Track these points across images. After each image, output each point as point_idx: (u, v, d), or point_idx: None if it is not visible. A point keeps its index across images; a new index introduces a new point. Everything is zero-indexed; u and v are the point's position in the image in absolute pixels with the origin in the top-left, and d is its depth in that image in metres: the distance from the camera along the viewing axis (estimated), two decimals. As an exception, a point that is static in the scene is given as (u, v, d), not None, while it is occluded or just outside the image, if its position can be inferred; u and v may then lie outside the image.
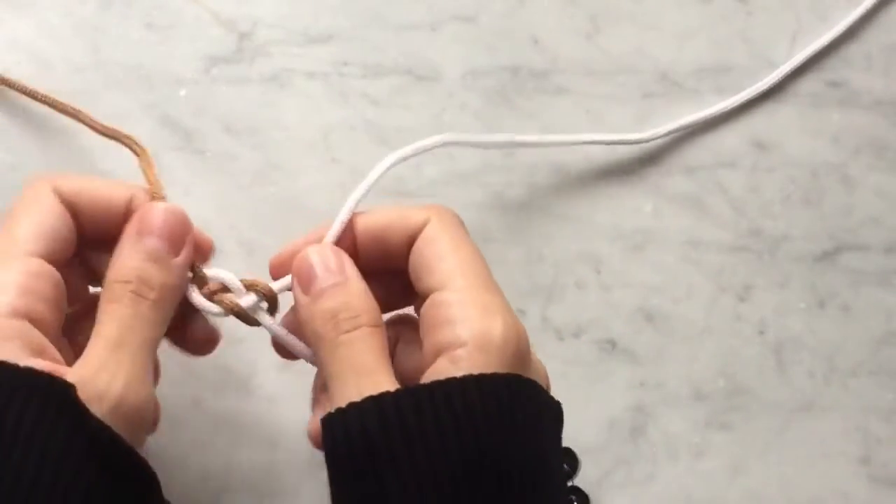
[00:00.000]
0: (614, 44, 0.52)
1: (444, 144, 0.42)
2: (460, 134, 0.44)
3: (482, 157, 0.50)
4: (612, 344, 0.49)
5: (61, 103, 0.45)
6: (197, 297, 0.38)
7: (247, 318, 0.38)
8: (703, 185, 0.51)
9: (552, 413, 0.36)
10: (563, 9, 0.52)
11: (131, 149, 0.41)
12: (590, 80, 0.51)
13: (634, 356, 0.49)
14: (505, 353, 0.34)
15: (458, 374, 0.33)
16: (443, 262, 0.36)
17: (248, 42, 0.50)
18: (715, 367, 0.49)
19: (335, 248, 0.38)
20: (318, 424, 0.35)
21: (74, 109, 0.45)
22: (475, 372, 0.33)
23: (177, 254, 0.37)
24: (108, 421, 0.33)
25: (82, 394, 0.32)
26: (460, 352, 0.34)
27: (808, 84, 0.52)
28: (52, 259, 0.36)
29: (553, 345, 0.49)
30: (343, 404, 0.33)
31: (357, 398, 0.33)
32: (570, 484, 0.46)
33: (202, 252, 0.39)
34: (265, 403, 0.47)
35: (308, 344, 0.37)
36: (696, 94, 0.51)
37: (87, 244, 0.38)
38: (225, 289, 0.38)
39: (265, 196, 0.49)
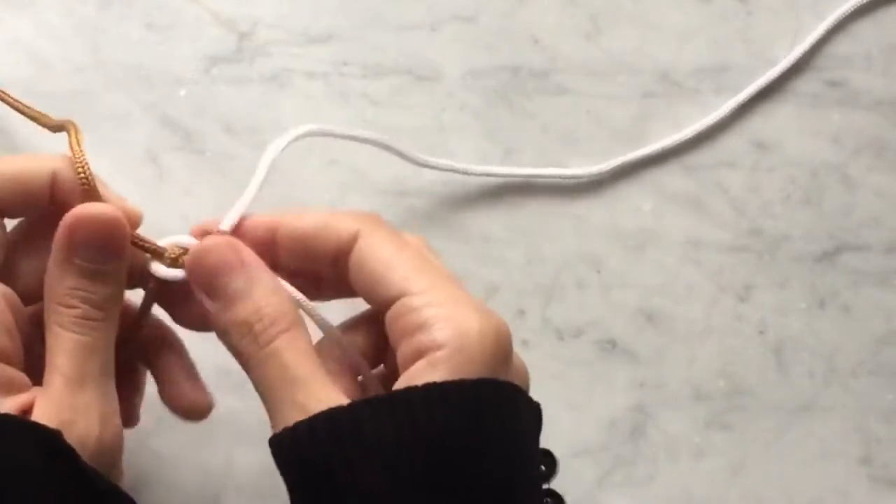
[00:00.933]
0: (614, 44, 0.52)
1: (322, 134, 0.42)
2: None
3: (482, 156, 0.50)
4: (612, 344, 0.49)
5: None
6: (161, 269, 0.37)
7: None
8: (703, 185, 0.51)
9: (530, 415, 0.35)
10: (563, 9, 0.52)
11: (51, 128, 0.38)
12: (590, 80, 0.51)
13: (634, 356, 0.49)
14: (485, 349, 0.33)
15: (436, 377, 0.32)
16: (394, 270, 0.35)
17: (248, 42, 0.50)
18: (715, 367, 0.49)
19: (231, 240, 0.36)
20: None
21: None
22: (454, 374, 0.32)
23: (115, 259, 0.35)
24: (93, 464, 0.32)
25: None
26: (439, 354, 0.32)
27: (808, 84, 0.52)
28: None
29: (553, 345, 0.48)
30: (283, 418, 0.32)
31: (294, 410, 0.32)
32: (546, 486, 0.46)
33: (133, 224, 0.37)
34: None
35: (231, 351, 0.36)
36: (696, 94, 0.51)
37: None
38: (185, 252, 0.37)
39: (265, 196, 0.49)
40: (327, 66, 0.50)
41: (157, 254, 0.37)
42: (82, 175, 0.36)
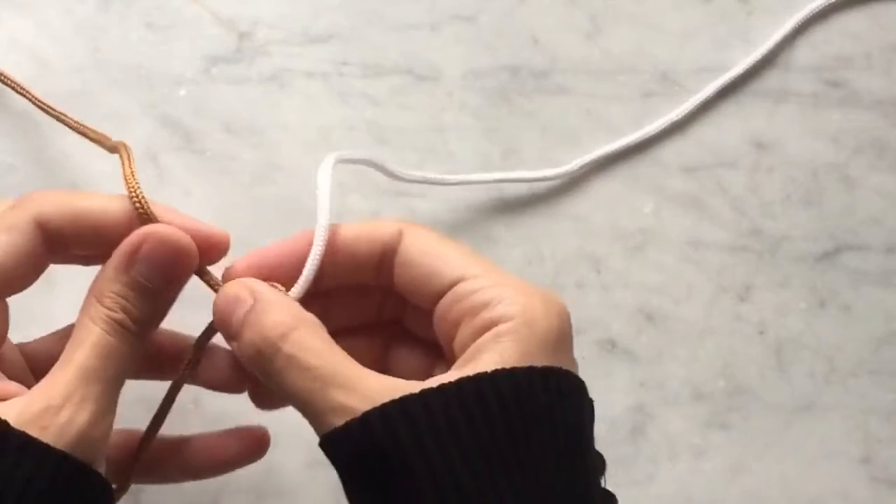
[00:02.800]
0: (614, 44, 0.52)
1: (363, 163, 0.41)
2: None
3: (482, 156, 0.50)
4: (612, 344, 0.49)
5: (47, 105, 0.45)
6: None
7: None
8: (703, 185, 0.51)
9: (589, 408, 0.35)
10: (563, 9, 0.52)
11: (107, 148, 0.39)
12: (590, 80, 0.51)
13: (634, 356, 0.49)
14: (551, 325, 0.33)
15: (504, 347, 0.32)
16: (447, 259, 0.35)
17: (248, 42, 0.50)
18: (715, 367, 0.49)
19: (241, 281, 0.36)
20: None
21: (60, 112, 0.44)
22: (521, 345, 0.32)
23: (170, 286, 0.36)
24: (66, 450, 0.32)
25: (43, 420, 0.32)
26: (506, 326, 0.33)
27: (808, 84, 0.52)
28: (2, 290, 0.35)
29: (553, 345, 0.48)
30: (329, 404, 0.32)
31: (341, 392, 0.32)
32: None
33: (218, 249, 0.37)
34: (265, 403, 0.47)
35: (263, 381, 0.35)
36: (696, 94, 0.51)
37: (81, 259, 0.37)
38: None
39: (265, 196, 0.49)
40: (327, 66, 0.50)
41: (216, 286, 0.37)
42: (136, 201, 0.36)
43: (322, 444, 0.33)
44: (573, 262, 0.50)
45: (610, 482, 0.48)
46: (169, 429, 0.47)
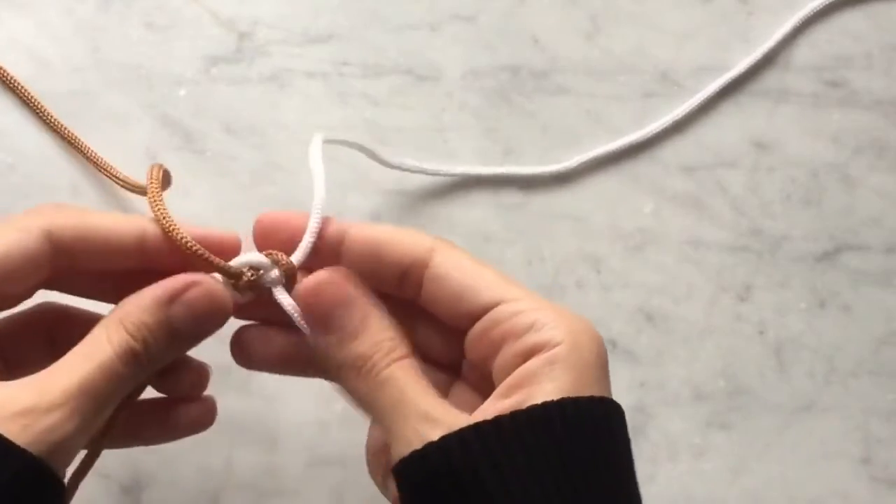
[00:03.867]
0: (614, 44, 0.52)
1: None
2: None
3: (482, 156, 0.50)
4: (613, 344, 0.49)
5: (76, 140, 0.47)
6: (237, 296, 0.37)
7: (261, 291, 0.37)
8: (703, 185, 0.51)
9: (627, 435, 0.36)
10: (563, 9, 0.52)
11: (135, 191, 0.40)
12: (590, 80, 0.51)
13: (634, 356, 0.49)
14: (598, 349, 0.34)
15: (557, 373, 0.33)
16: (484, 280, 0.35)
17: (247, 42, 0.50)
18: (715, 367, 0.49)
19: (345, 273, 0.36)
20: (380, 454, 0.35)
21: (85, 148, 0.46)
22: (572, 370, 0.33)
23: (192, 337, 0.36)
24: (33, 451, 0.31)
25: (27, 418, 0.31)
26: (556, 351, 0.33)
27: (808, 84, 0.52)
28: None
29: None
30: (412, 429, 0.33)
31: (422, 421, 0.33)
32: None
33: (230, 254, 0.37)
34: (265, 403, 0.47)
35: (341, 385, 0.36)
36: (696, 94, 0.51)
37: (91, 278, 0.37)
38: (258, 274, 0.37)
39: (265, 196, 0.49)
40: (327, 66, 0.50)
41: (233, 275, 0.37)
42: (184, 241, 0.36)
43: (396, 468, 0.33)
44: (573, 262, 0.50)
45: (610, 482, 0.48)
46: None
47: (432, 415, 0.33)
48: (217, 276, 0.36)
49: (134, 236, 0.36)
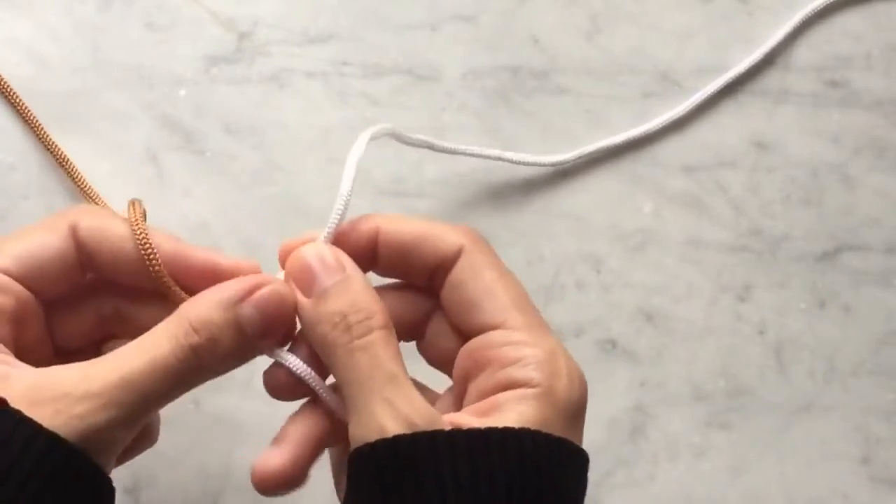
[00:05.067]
0: (614, 44, 0.52)
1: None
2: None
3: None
4: (612, 344, 0.49)
5: (62, 157, 0.47)
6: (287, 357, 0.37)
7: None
8: (703, 185, 0.51)
9: (584, 485, 0.35)
10: (563, 9, 0.52)
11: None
12: (590, 80, 0.51)
13: (634, 356, 0.49)
14: (571, 398, 0.34)
15: (525, 408, 0.33)
16: (494, 299, 0.35)
17: (247, 42, 0.50)
18: (715, 367, 0.49)
19: (329, 245, 0.36)
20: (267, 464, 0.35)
21: (69, 164, 0.46)
22: (541, 412, 0.33)
23: (261, 338, 0.35)
24: (70, 438, 0.32)
25: (58, 404, 0.31)
26: (531, 391, 0.33)
27: (808, 84, 0.52)
28: (33, 285, 0.35)
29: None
30: (370, 414, 0.32)
31: (384, 407, 0.32)
32: None
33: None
34: (265, 403, 0.47)
35: (317, 351, 0.36)
36: (696, 94, 0.51)
37: (104, 286, 0.37)
38: None
39: (265, 196, 0.49)
40: (327, 66, 0.50)
41: None
42: (169, 288, 0.36)
43: (350, 455, 0.33)
44: (573, 262, 0.50)
45: (610, 482, 0.48)
46: (170, 429, 0.47)
47: (395, 403, 0.32)
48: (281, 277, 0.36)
49: (65, 253, 0.36)
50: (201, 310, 0.34)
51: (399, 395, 0.33)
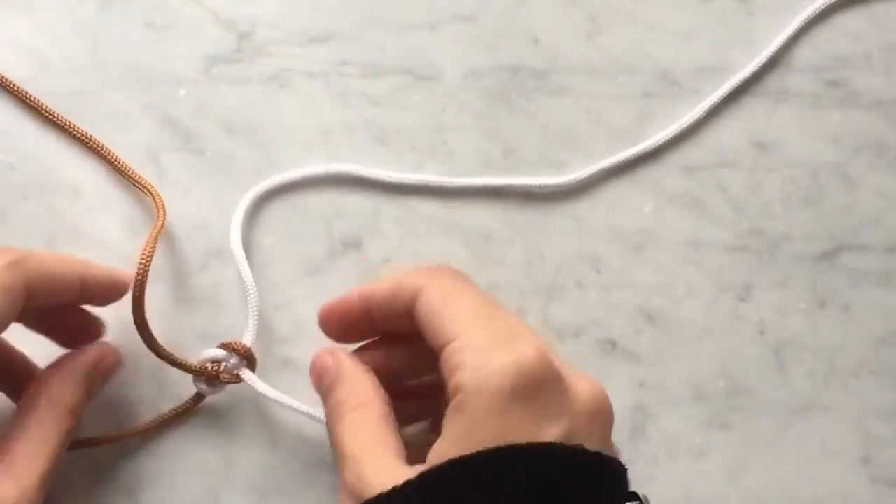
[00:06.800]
0: (614, 44, 0.52)
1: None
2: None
3: (482, 156, 0.50)
4: (612, 344, 0.49)
5: (92, 141, 0.48)
6: (208, 389, 0.45)
7: (231, 377, 0.45)
8: (703, 185, 0.51)
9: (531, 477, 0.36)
10: (563, 9, 0.52)
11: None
12: (590, 80, 0.51)
13: (634, 356, 0.49)
14: (502, 388, 0.35)
15: (458, 418, 0.35)
16: (444, 319, 0.38)
17: (247, 42, 0.50)
18: (715, 367, 0.49)
19: (327, 348, 0.42)
20: None
21: (98, 145, 0.48)
22: (474, 414, 0.35)
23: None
24: None
25: None
26: (459, 397, 0.35)
27: (808, 84, 0.52)
28: None
29: (553, 345, 0.48)
30: (339, 498, 0.37)
31: (345, 493, 0.36)
32: None
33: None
34: (265, 403, 0.47)
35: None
36: (696, 94, 0.51)
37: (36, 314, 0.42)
38: (218, 369, 0.44)
39: (264, 197, 0.49)
40: (327, 66, 0.50)
41: (199, 373, 0.44)
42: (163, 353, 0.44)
43: None
44: (573, 262, 0.50)
45: (610, 482, 0.48)
46: (170, 429, 0.47)
47: (364, 476, 0.36)
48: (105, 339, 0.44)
49: (77, 277, 0.41)
50: (73, 398, 0.41)
51: (368, 466, 0.36)
